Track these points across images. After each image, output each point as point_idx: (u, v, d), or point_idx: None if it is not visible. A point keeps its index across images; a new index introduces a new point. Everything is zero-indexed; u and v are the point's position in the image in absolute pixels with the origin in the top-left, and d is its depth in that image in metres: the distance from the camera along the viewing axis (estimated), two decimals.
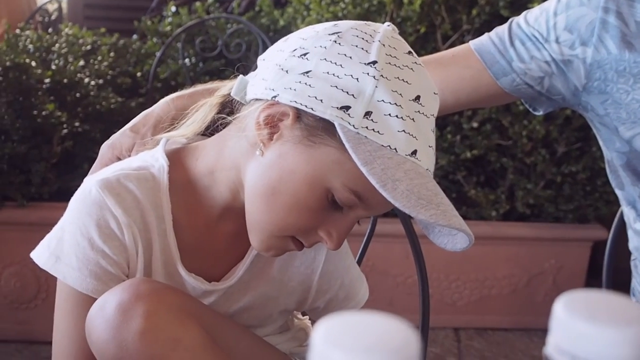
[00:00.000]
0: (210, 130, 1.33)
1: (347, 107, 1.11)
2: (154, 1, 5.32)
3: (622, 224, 1.78)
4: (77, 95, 3.43)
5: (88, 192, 1.24)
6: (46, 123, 3.17)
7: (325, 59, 1.14)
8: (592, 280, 3.72)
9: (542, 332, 3.66)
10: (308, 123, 1.14)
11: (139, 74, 4.15)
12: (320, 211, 1.17)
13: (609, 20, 1.50)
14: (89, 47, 3.91)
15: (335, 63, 1.14)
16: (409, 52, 1.19)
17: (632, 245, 1.71)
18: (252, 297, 1.37)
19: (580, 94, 1.57)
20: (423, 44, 3.60)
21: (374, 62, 1.13)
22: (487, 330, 3.70)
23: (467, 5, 3.59)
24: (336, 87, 1.12)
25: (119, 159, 1.42)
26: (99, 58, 3.79)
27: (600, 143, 1.67)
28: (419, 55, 1.28)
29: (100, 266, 1.22)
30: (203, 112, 1.33)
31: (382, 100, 1.11)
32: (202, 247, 1.32)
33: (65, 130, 3.24)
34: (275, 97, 1.15)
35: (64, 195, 3.24)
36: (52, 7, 5.73)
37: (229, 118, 1.27)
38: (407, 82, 1.15)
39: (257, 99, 1.20)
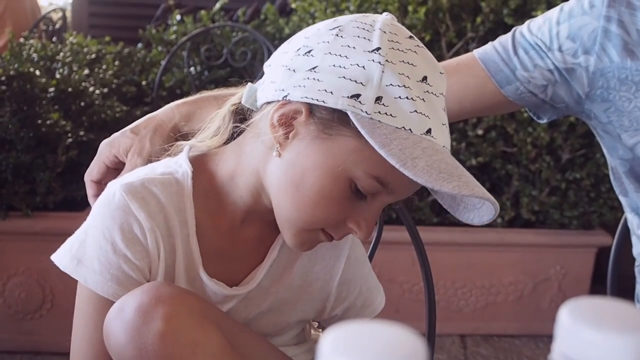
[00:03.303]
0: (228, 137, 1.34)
1: (357, 95, 1.13)
2: (159, 10, 5.33)
3: (626, 231, 1.78)
4: (82, 104, 3.42)
5: (112, 196, 1.24)
6: (51, 132, 3.17)
7: (329, 52, 1.16)
8: (596, 286, 3.71)
9: (548, 338, 3.66)
10: (321, 117, 1.16)
11: (144, 82, 4.15)
12: (345, 202, 1.18)
13: (611, 29, 1.50)
14: (93, 56, 3.90)
15: (340, 55, 1.16)
16: (410, 37, 1.22)
17: (636, 251, 1.71)
18: (271, 302, 1.37)
19: (583, 102, 1.57)
20: None
21: (378, 49, 1.15)
22: (494, 336, 3.69)
23: (471, 13, 3.60)
24: (344, 77, 1.14)
25: (116, 158, 1.44)
26: (104, 67, 3.79)
27: (604, 150, 1.67)
28: None
29: (122, 270, 1.22)
30: (217, 123, 1.33)
31: (391, 84, 1.13)
32: (224, 252, 1.32)
33: (70, 140, 3.23)
34: (286, 96, 1.17)
35: (69, 204, 3.26)
36: (56, 15, 5.75)
37: (243, 126, 1.29)
38: (412, 64, 1.16)
39: (268, 102, 1.22)
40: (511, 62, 1.59)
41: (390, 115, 1.12)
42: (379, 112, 1.12)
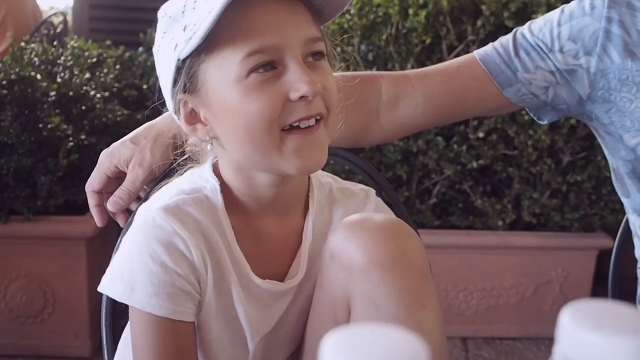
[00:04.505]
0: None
1: (175, 46, 1.22)
2: None
3: (628, 232, 1.78)
4: (83, 108, 3.42)
5: (151, 220, 1.26)
6: (52, 136, 3.17)
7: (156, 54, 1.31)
8: (598, 288, 3.71)
9: (549, 340, 3.65)
10: (189, 86, 1.24)
11: (145, 86, 4.16)
12: (268, 85, 1.19)
13: (612, 30, 1.50)
14: (94, 60, 3.90)
15: (157, 46, 1.30)
16: None
17: (638, 253, 1.71)
18: None
19: (584, 103, 1.57)
20: (429, 55, 3.60)
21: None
22: (495, 339, 3.69)
23: (472, 16, 3.59)
24: (163, 47, 1.26)
25: (117, 168, 1.46)
26: (105, 71, 3.80)
27: (605, 151, 1.67)
28: (424, 65, 1.28)
29: (176, 287, 1.24)
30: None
31: (179, 12, 1.22)
32: (263, 251, 1.35)
33: (71, 144, 3.24)
34: (174, 111, 1.30)
35: (70, 208, 3.26)
36: (57, 19, 5.73)
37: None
38: None
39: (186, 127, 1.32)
40: (512, 64, 1.59)
41: (199, 18, 1.17)
42: (191, 31, 1.18)
